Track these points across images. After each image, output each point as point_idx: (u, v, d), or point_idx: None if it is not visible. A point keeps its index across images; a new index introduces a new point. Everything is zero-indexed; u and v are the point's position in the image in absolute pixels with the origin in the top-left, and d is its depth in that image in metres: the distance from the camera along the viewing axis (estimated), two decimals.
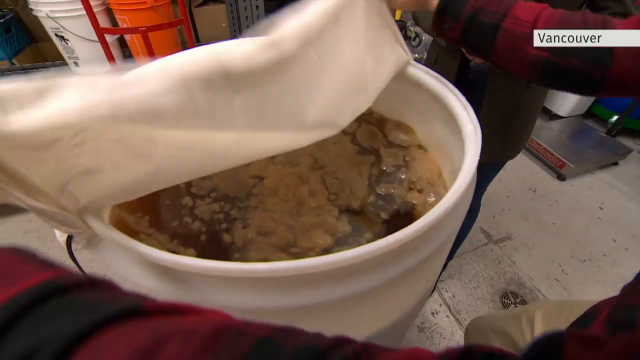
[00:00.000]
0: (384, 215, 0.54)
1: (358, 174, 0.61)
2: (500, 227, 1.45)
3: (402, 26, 1.63)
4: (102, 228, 0.32)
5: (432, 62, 0.81)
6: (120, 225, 0.51)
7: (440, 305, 1.19)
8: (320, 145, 0.67)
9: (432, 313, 1.17)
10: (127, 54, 1.24)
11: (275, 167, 0.61)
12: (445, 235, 0.39)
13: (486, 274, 1.28)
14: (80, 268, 0.36)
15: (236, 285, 0.31)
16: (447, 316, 1.16)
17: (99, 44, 0.97)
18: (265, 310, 0.31)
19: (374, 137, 0.69)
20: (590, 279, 1.25)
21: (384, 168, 0.62)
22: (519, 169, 1.74)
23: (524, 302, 1.18)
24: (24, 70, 1.18)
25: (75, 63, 1.14)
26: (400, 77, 0.61)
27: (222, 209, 0.54)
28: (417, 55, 1.55)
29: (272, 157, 0.63)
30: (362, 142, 0.68)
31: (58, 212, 0.30)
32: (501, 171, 0.88)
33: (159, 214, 0.53)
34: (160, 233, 0.50)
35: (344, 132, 0.70)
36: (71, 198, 0.30)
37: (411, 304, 0.46)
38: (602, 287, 1.23)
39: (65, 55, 1.13)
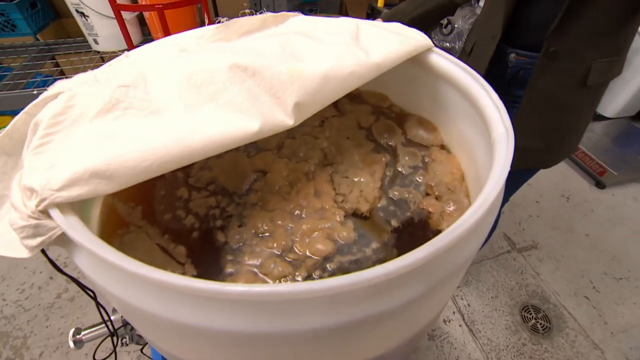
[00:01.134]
0: (394, 223, 0.49)
1: (370, 175, 0.55)
2: (525, 235, 1.35)
3: None
4: (71, 226, 0.29)
5: (468, 52, 0.74)
6: (112, 214, 0.49)
7: (454, 313, 1.13)
8: (332, 139, 0.61)
9: (445, 321, 1.11)
10: (147, 33, 1.22)
11: (280, 161, 0.57)
12: (464, 257, 0.33)
13: (506, 284, 1.20)
14: (51, 261, 0.33)
15: (234, 307, 0.26)
16: (460, 325, 1.09)
17: None
18: (257, 335, 0.27)
19: (392, 133, 0.62)
20: (626, 300, 1.14)
21: (400, 169, 0.56)
22: (552, 173, 1.61)
23: (546, 318, 1.10)
24: (47, 45, 1.19)
25: (95, 40, 1.13)
26: (425, 67, 0.54)
27: (219, 203, 0.50)
28: (447, 44, 1.44)
29: (278, 150, 0.59)
30: (378, 138, 0.62)
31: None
32: None
33: (152, 204, 0.50)
34: (152, 226, 0.47)
35: (360, 126, 0.64)
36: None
37: (422, 325, 0.41)
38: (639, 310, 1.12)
39: (85, 31, 1.12)
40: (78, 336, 0.54)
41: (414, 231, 0.48)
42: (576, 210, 1.45)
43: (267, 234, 0.47)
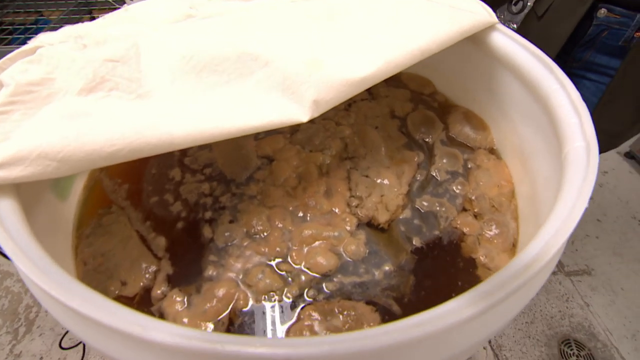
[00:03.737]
0: (417, 242, 0.39)
1: (396, 176, 0.45)
2: (578, 257, 1.17)
3: None
4: None
5: (540, 14, 0.62)
6: (97, 189, 0.44)
7: None
8: (357, 127, 0.52)
9: None
10: None
11: (292, 148, 0.49)
12: (513, 312, 0.24)
13: (546, 310, 1.05)
14: None
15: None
16: (484, 348, 0.98)
17: None
18: None
19: (431, 126, 0.52)
20: None
21: (434, 174, 0.46)
22: (621, 187, 1.38)
23: (591, 357, 0.95)
24: (86, 0, 1.18)
25: None
26: (483, 47, 0.42)
27: (213, 191, 0.43)
28: (516, 25, 1.24)
29: (291, 135, 0.51)
30: (413, 131, 0.51)
31: None
32: (595, 187, 0.65)
33: (141, 183, 0.44)
34: (135, 209, 0.42)
35: (393, 114, 0.54)
36: None
37: None
38: None
39: None
40: None
41: (440, 255, 0.38)
42: None
43: (260, 236, 0.39)
